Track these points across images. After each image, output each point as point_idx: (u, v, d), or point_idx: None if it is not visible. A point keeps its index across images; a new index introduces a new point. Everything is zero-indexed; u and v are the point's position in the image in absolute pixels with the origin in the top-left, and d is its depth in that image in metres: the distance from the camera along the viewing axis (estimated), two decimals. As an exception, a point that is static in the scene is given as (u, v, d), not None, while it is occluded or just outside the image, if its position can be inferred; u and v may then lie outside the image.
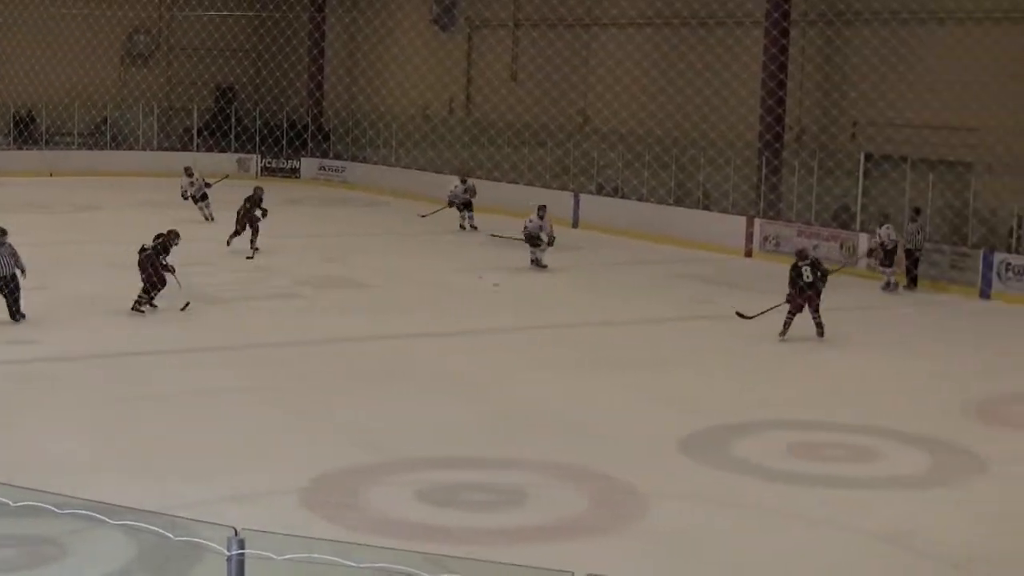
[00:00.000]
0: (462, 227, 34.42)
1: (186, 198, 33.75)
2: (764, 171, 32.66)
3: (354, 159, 45.98)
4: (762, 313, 21.76)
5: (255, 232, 28.33)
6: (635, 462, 14.81)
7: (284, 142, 47.11)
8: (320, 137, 48.00)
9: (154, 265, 21.86)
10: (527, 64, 41.78)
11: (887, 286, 26.69)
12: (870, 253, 26.97)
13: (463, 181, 35.11)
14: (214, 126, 47.44)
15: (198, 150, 47.71)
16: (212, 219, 32.69)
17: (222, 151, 47.00)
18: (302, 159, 46.78)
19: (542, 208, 28.73)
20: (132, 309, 21.85)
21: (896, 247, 26.46)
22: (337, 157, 46.77)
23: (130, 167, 45.51)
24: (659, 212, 33.78)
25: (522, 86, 41.26)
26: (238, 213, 28.78)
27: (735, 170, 33.53)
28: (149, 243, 22.12)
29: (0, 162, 44.27)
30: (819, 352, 21.21)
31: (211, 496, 13.04)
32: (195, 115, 48.83)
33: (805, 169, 32.00)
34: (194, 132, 48.66)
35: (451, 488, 13.81)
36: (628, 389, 18.31)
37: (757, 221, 31.70)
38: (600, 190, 37.07)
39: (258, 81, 49.01)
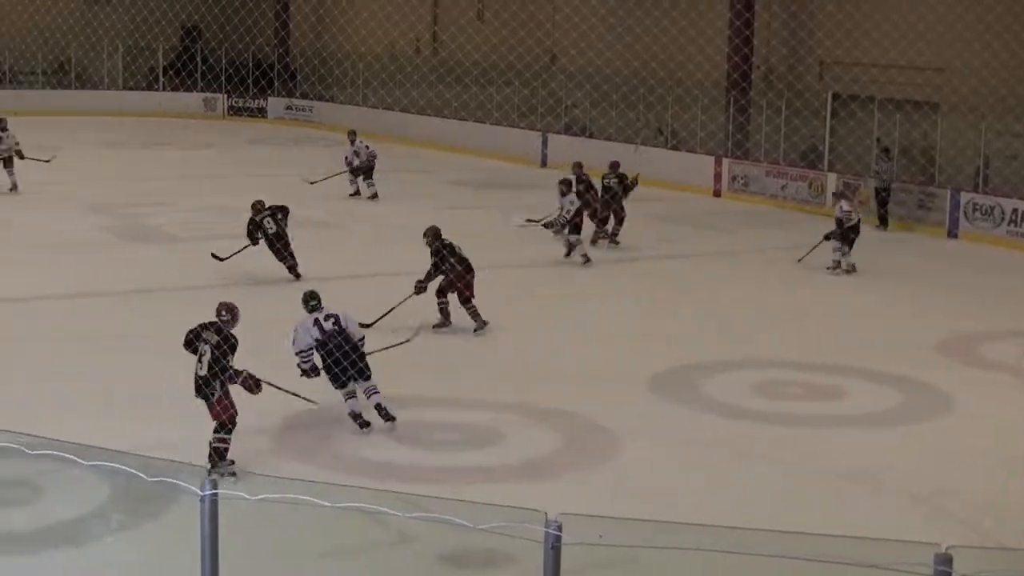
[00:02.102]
0: (355, 195, 29.53)
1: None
2: (732, 111, 32.65)
3: (321, 99, 45.79)
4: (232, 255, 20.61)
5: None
6: (606, 402, 14.88)
7: (250, 81, 46.84)
8: (286, 76, 47.76)
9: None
10: (493, 3, 41.59)
11: (835, 267, 22.53)
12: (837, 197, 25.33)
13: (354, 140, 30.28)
14: (179, 65, 47.09)
15: (164, 89, 47.53)
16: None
17: (188, 90, 46.79)
18: (268, 98, 46.61)
19: (565, 182, 23.13)
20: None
21: (857, 225, 22.63)
22: (304, 96, 46.57)
23: (95, 107, 45.26)
24: (627, 152, 33.77)
25: (488, 25, 41.05)
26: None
27: (703, 110, 33.51)
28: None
29: (-37, 102, 43.90)
30: (791, 291, 21.30)
31: (178, 437, 13.02)
32: (160, 54, 48.47)
33: (773, 109, 31.99)
34: (159, 72, 48.33)
35: (424, 427, 13.85)
36: (599, 329, 18.38)
37: (725, 161, 31.71)
38: (568, 129, 37.01)
39: (223, 19, 48.45)
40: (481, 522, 6.50)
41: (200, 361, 12.10)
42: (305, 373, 13.65)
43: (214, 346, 12.02)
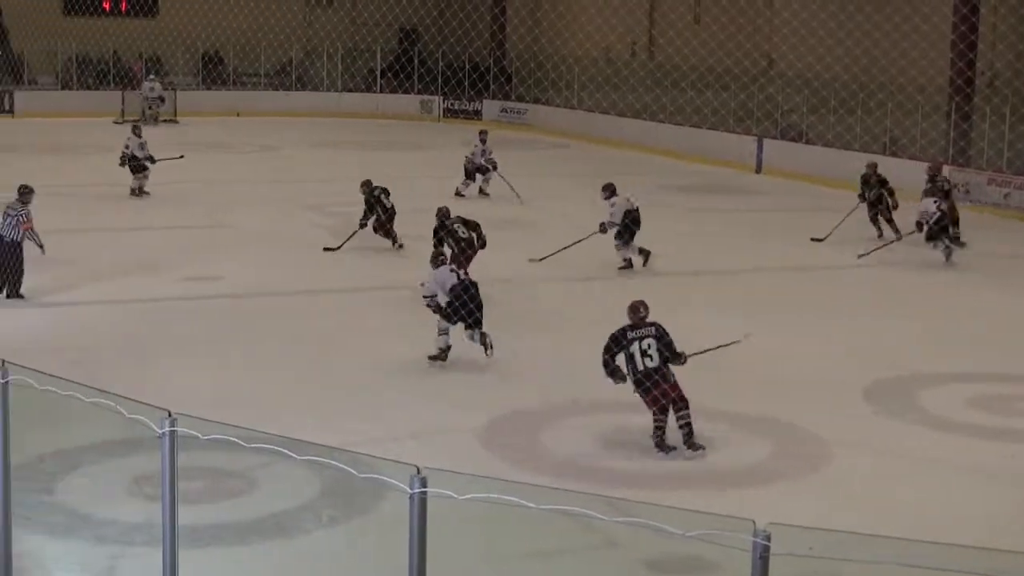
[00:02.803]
0: (475, 191, 29.73)
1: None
2: (954, 117, 31.89)
3: (536, 101, 45.99)
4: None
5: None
6: (818, 410, 14.65)
7: (466, 84, 47.26)
8: (502, 79, 48.07)
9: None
10: (710, 6, 41.30)
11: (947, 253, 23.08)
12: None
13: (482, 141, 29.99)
14: (397, 67, 47.73)
15: (381, 91, 48.28)
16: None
17: (405, 92, 47.47)
18: (484, 101, 46.95)
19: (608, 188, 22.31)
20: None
21: (943, 216, 22.94)
22: (519, 99, 46.81)
23: (314, 108, 46.24)
24: (844, 158, 33.21)
25: (705, 28, 40.77)
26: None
27: (924, 116, 32.80)
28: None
29: (189, 102, 45.14)
30: (1017, 302, 20.76)
31: (388, 434, 13.20)
32: (378, 57, 49.27)
33: (997, 115, 31.17)
34: (377, 74, 49.12)
35: (631, 431, 13.77)
36: (816, 335, 18.11)
37: (946, 168, 30.98)
38: (784, 135, 36.58)
39: (441, 22, 49.07)
40: (688, 529, 6.42)
41: (647, 354, 13.24)
42: (432, 308, 16.18)
43: (657, 337, 13.29)
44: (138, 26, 47.18)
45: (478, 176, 29.73)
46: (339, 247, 22.49)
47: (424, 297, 16.30)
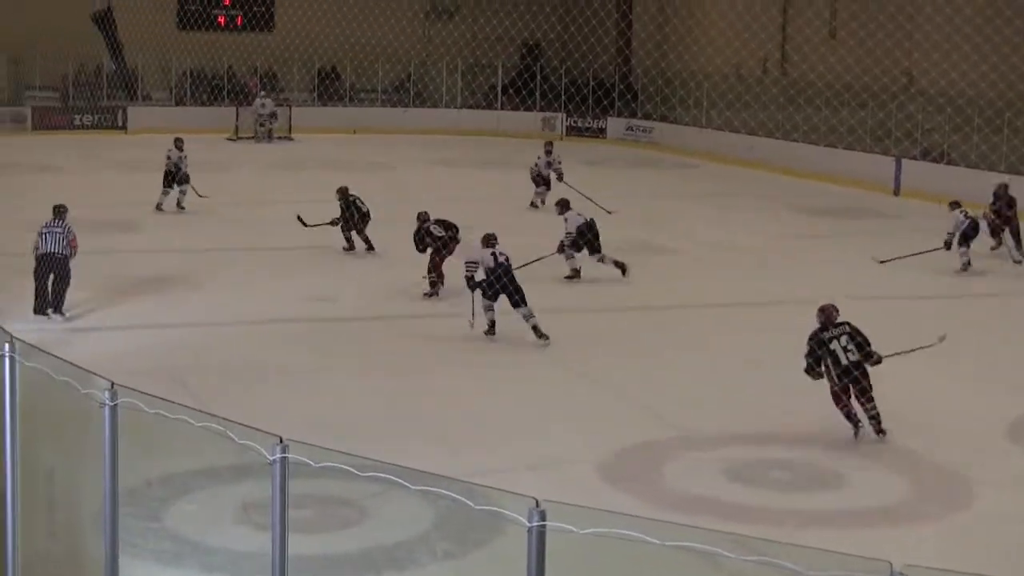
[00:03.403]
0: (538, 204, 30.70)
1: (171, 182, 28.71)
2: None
3: (662, 119, 45.89)
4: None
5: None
6: (959, 447, 14.43)
7: (590, 101, 47.29)
8: (628, 96, 48.02)
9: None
10: (848, 20, 40.93)
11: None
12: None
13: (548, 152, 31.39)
14: (519, 83, 47.84)
15: (503, 108, 48.43)
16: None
17: (527, 109, 47.57)
18: (608, 118, 46.94)
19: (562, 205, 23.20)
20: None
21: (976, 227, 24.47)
22: (645, 117, 46.75)
23: (432, 125, 46.48)
24: (989, 180, 32.74)
25: (842, 43, 40.45)
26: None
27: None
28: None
29: (304, 118, 45.63)
30: None
31: (506, 465, 13.21)
32: (500, 72, 49.45)
33: None
34: (498, 90, 49.30)
35: (759, 466, 13.68)
36: (959, 368, 17.76)
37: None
38: (925, 155, 36.14)
39: (565, 37, 49.17)
40: (819, 569, 6.34)
41: (847, 350, 14.59)
42: (468, 281, 18.65)
43: (851, 335, 14.69)
44: (253, 40, 47.70)
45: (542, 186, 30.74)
46: (310, 225, 24.36)
47: (467, 267, 18.76)
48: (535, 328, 18.28)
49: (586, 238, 22.49)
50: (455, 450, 13.68)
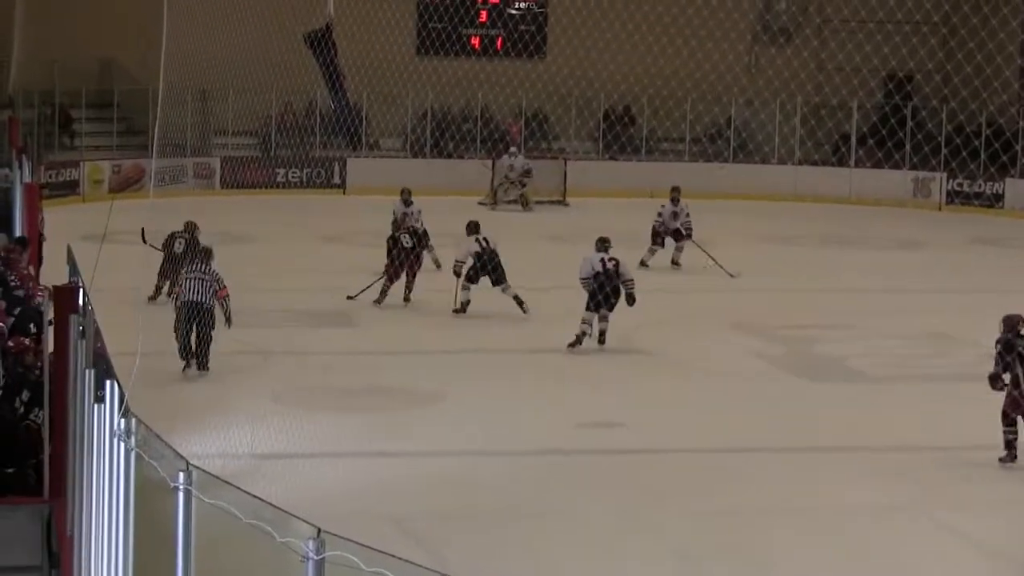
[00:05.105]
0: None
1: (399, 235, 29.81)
2: None
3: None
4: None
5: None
6: None
7: (982, 156, 46.16)
8: (1036, 151, 46.89)
9: None
10: None
11: None
12: None
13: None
14: (883, 131, 46.32)
15: (857, 165, 47.85)
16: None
17: (893, 167, 45.96)
18: (1007, 180, 45.87)
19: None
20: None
21: None
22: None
23: (760, 187, 46.16)
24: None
25: None
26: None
27: None
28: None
29: (584, 176, 46.06)
30: None
31: None
32: (855, 115, 48.80)
33: None
34: (852, 140, 48.59)
35: None
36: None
37: None
38: None
39: (948, 68, 48.21)
40: None
41: None
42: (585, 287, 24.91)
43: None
44: (516, 70, 47.06)
45: (668, 241, 33.54)
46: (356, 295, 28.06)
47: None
48: (602, 334, 24.83)
49: (487, 269, 27.50)
50: None
